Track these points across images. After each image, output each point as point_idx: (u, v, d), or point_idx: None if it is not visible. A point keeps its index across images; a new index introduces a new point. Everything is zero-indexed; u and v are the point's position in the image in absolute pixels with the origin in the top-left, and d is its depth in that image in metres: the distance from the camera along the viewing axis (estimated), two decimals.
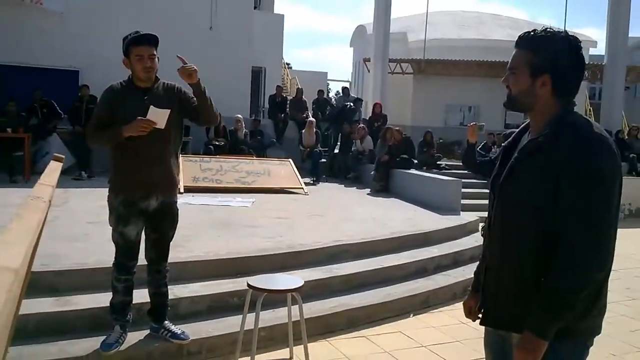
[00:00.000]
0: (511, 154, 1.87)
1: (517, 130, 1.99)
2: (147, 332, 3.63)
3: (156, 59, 3.34)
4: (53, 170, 1.79)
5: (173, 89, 3.48)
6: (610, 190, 1.65)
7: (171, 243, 3.61)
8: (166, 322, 3.63)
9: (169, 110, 3.27)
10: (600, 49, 20.98)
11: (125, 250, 3.40)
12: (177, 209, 3.56)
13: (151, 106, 3.22)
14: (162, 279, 3.58)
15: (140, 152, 3.30)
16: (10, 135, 9.18)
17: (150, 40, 3.30)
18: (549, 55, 1.74)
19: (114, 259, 3.43)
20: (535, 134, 1.79)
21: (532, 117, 1.86)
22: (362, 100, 14.87)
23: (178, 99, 3.45)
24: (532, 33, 1.78)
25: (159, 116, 3.22)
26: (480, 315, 2.00)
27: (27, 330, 3.32)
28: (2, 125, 9.30)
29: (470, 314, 2.09)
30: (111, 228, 3.42)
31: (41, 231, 1.62)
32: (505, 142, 2.01)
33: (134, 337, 3.55)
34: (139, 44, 3.28)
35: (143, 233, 3.47)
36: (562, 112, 1.75)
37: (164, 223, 3.48)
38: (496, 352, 1.97)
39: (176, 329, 3.62)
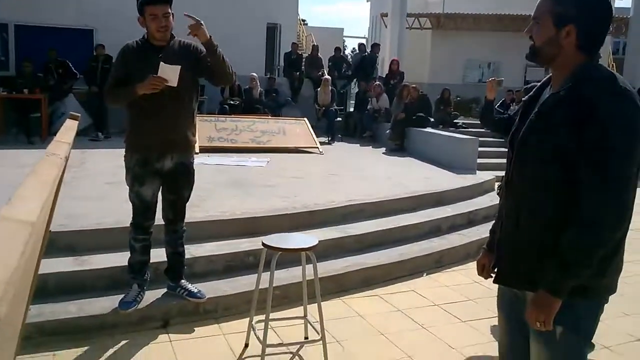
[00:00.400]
0: (532, 108, 1.82)
1: (539, 84, 1.93)
2: (165, 290, 3.71)
3: (171, 17, 3.30)
4: (69, 128, 1.79)
5: (189, 46, 3.46)
6: (634, 146, 1.60)
7: (187, 203, 3.64)
8: (183, 281, 3.70)
9: (180, 67, 3.23)
10: (626, 1, 20.28)
11: (141, 210, 3.45)
12: (193, 170, 3.58)
13: (161, 63, 3.20)
14: (179, 239, 3.63)
15: (155, 111, 3.31)
16: (27, 96, 9.24)
17: None
18: (575, 4, 1.68)
19: (131, 219, 3.50)
20: (557, 87, 1.73)
21: (554, 70, 1.80)
22: (379, 45, 14.52)
23: (194, 57, 3.42)
24: None
25: (169, 73, 3.20)
26: (493, 274, 1.99)
27: (47, 289, 3.41)
28: (18, 86, 9.37)
29: (482, 272, 2.08)
30: (128, 188, 3.46)
31: (58, 189, 1.63)
32: (526, 96, 1.96)
33: (151, 295, 3.63)
34: (153, 3, 3.24)
35: (160, 193, 3.51)
36: (586, 65, 1.69)
37: (179, 183, 3.51)
38: (510, 311, 1.96)
39: (193, 287, 3.69)
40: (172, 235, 3.62)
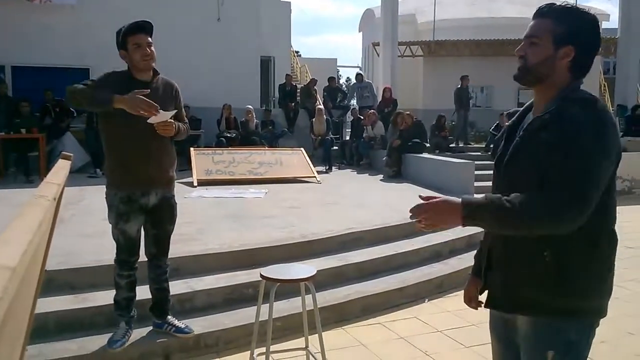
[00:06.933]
0: (515, 132, 1.83)
1: (522, 109, 1.94)
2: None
3: (153, 47, 3.29)
4: (60, 168, 1.78)
5: (172, 86, 3.50)
6: (607, 167, 1.62)
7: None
8: (169, 317, 3.63)
9: (175, 111, 3.30)
10: (613, 22, 20.65)
11: (126, 247, 3.39)
12: (175, 203, 3.56)
13: (161, 110, 3.18)
14: (163, 274, 3.57)
15: (136, 148, 3.29)
16: (24, 135, 9.31)
17: (146, 28, 3.26)
18: (573, 27, 1.70)
19: (115, 256, 3.44)
20: (541, 110, 1.74)
21: (539, 92, 1.80)
22: (467, 76, 14.21)
23: (175, 98, 3.48)
24: (554, 4, 1.74)
25: (163, 117, 3.22)
26: (482, 301, 1.97)
27: (47, 328, 3.39)
28: (16, 126, 9.44)
29: (470, 301, 2.06)
30: (111, 225, 3.41)
31: (52, 230, 1.64)
32: (509, 121, 1.96)
33: (153, 330, 3.60)
34: (136, 33, 3.24)
35: (142, 228, 3.48)
36: (571, 88, 1.72)
37: (163, 217, 3.48)
38: (501, 336, 1.95)
39: (180, 323, 3.63)
40: (155, 271, 3.54)
